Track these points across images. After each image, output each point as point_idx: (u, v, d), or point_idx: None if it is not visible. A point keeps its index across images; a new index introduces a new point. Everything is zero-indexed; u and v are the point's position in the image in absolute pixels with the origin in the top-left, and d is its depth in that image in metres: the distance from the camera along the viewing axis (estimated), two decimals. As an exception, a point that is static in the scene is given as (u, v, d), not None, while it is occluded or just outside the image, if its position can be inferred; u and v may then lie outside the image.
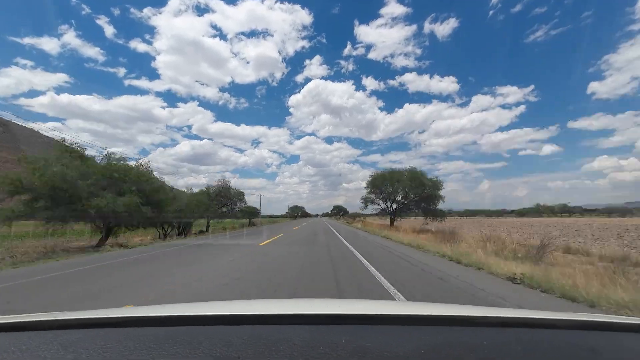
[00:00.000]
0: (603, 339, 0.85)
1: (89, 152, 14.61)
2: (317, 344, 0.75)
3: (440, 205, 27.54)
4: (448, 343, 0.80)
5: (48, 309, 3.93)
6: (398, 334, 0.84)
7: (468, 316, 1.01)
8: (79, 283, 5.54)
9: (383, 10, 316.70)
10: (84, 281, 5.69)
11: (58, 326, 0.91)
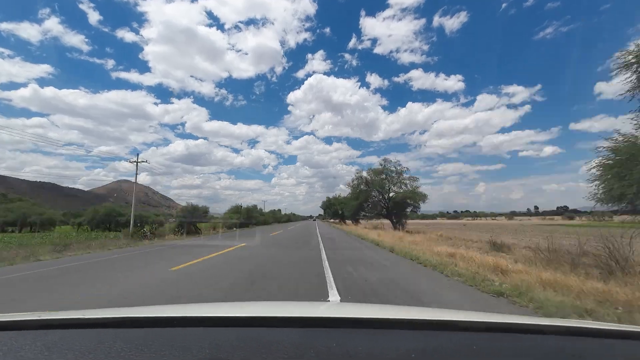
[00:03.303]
0: (590, 345, 0.87)
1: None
2: (307, 348, 0.74)
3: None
4: (438, 347, 0.81)
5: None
6: (389, 338, 0.85)
7: (458, 321, 1.02)
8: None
9: (392, 0, 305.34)
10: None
11: (42, 326, 0.89)
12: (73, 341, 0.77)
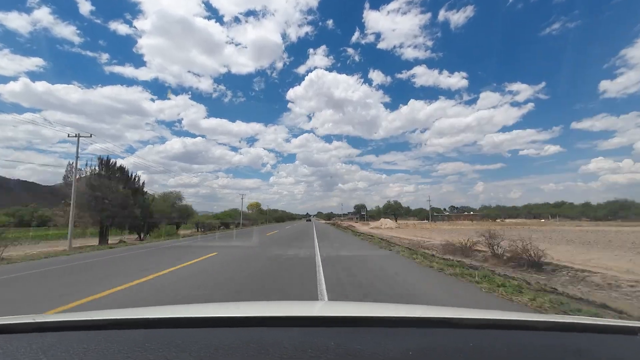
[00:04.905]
0: (586, 341, 0.87)
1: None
2: (307, 347, 0.74)
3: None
4: (435, 345, 0.81)
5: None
6: (387, 336, 0.85)
7: (455, 318, 1.02)
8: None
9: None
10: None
11: (37, 329, 0.88)
12: (69, 344, 0.76)
